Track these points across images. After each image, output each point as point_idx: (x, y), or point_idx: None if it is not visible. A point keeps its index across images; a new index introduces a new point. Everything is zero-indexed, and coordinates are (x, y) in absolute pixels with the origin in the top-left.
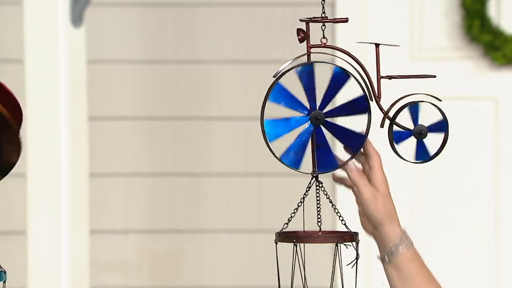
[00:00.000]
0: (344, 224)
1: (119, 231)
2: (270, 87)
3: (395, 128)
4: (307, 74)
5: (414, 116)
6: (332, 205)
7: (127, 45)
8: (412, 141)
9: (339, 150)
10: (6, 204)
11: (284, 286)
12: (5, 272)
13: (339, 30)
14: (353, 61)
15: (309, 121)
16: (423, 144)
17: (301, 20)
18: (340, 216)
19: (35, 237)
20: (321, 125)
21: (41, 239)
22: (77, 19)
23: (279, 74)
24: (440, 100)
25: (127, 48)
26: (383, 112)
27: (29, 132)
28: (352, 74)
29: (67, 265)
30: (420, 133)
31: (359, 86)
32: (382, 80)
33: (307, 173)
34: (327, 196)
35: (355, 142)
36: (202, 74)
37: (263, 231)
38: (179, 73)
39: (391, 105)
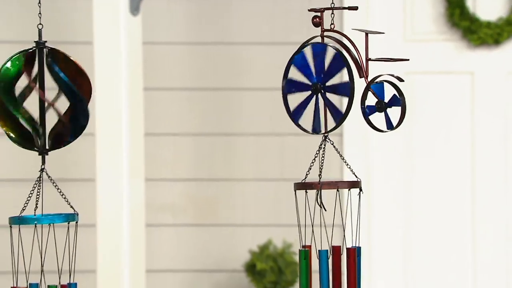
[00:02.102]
0: (354, 173)
1: (169, 179)
2: (294, 54)
3: (367, 103)
4: (319, 51)
5: (378, 93)
6: (342, 158)
7: (175, 30)
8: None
9: None
10: (79, 158)
11: (301, 225)
12: (77, 214)
13: (346, 17)
14: (350, 44)
15: (312, 89)
16: (387, 116)
17: (310, 10)
18: (349, 167)
19: (102, 184)
20: (319, 94)
21: (107, 186)
22: (134, 9)
23: (301, 45)
24: (402, 80)
25: (174, 32)
26: (366, 86)
27: (97, 100)
28: (345, 57)
29: (127, 206)
30: (379, 107)
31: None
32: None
33: (319, 134)
34: (337, 151)
35: (338, 116)
36: (235, 53)
37: (284, 180)
38: (217, 53)
39: (370, 81)
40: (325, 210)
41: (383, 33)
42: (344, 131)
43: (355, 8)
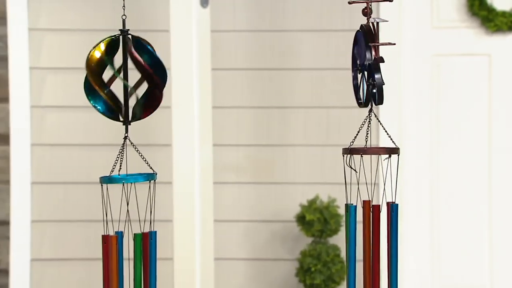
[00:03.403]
0: (393, 141)
1: (232, 145)
2: (356, 32)
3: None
4: (359, 37)
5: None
6: (383, 127)
7: (237, 19)
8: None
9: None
10: (155, 127)
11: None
12: (156, 174)
13: (382, 7)
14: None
15: (358, 68)
16: (374, 94)
17: (350, 3)
18: (389, 136)
19: (177, 148)
20: (364, 73)
21: (181, 150)
22: (204, 2)
23: (361, 26)
24: (383, 61)
25: (237, 21)
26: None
27: (173, 78)
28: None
29: (198, 167)
30: (368, 86)
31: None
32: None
33: (361, 107)
34: (380, 122)
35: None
36: (287, 38)
37: (329, 145)
38: (272, 38)
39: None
40: (356, 172)
41: (387, 20)
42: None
43: (391, 0)
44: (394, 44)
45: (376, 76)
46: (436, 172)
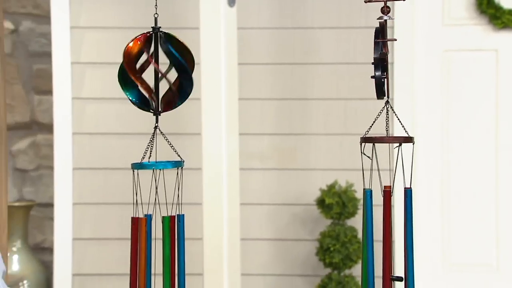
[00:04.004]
0: (406, 131)
1: (257, 133)
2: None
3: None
4: (377, 32)
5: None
6: (397, 118)
7: (262, 18)
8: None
9: None
10: (186, 118)
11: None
12: (183, 161)
13: (397, 6)
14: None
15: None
16: (381, 86)
17: (366, 2)
18: (403, 127)
19: (206, 137)
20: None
21: (210, 138)
22: (231, 1)
23: (379, 21)
24: (386, 57)
25: (261, 19)
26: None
27: (202, 72)
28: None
29: (225, 154)
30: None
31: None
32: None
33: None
34: (394, 113)
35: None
36: (308, 35)
37: (347, 134)
38: (294, 35)
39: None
40: (370, 159)
41: (393, 18)
42: (395, 96)
43: None
44: (395, 40)
45: (376, 73)
46: (446, 160)
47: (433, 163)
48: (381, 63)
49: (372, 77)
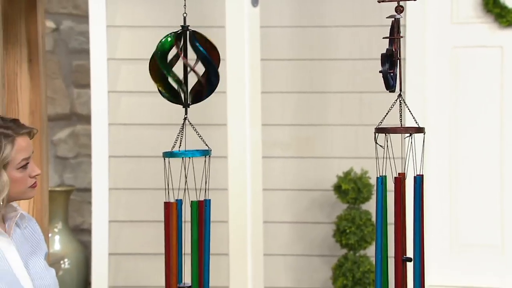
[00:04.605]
0: (416, 122)
1: (279, 124)
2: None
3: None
4: (392, 29)
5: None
6: (408, 109)
7: (283, 17)
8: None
9: None
10: (213, 110)
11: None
12: (210, 150)
13: (409, 5)
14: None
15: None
16: (388, 79)
17: (379, 1)
18: (414, 118)
19: (232, 127)
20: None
21: (235, 129)
22: (255, 1)
23: (391, 20)
24: (391, 53)
25: (283, 18)
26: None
27: (228, 68)
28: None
29: (249, 143)
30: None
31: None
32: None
33: (391, 92)
34: (406, 105)
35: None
36: (326, 33)
37: (362, 125)
38: (313, 33)
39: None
40: (383, 148)
41: (400, 16)
42: (406, 89)
43: None
44: (402, 37)
45: (382, 67)
46: (455, 149)
47: (443, 152)
48: (389, 59)
49: (380, 71)
